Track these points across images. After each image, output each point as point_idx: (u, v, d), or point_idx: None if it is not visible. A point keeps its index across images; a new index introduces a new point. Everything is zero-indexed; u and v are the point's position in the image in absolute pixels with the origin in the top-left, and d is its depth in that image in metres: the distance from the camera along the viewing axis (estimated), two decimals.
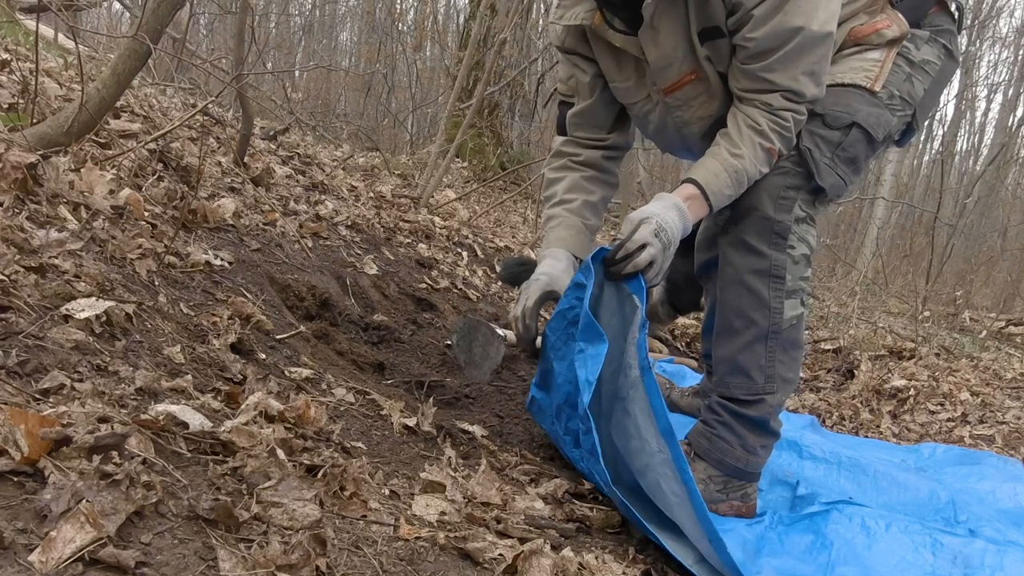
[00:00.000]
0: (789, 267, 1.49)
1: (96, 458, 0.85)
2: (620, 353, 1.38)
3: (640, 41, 1.51)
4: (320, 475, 1.07)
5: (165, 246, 1.65)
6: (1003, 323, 6.08)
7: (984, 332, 5.44)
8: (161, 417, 1.00)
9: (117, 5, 7.38)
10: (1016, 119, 14.12)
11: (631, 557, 1.27)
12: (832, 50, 1.44)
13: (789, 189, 1.49)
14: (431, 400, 1.68)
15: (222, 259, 1.84)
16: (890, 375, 3.14)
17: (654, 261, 1.38)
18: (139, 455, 0.91)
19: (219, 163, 2.60)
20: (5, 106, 1.97)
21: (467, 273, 3.31)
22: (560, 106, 1.84)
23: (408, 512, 1.13)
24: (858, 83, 1.51)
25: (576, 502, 1.42)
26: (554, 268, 1.65)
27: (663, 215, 1.41)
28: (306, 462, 1.09)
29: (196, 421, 1.04)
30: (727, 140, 1.48)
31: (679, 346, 3.44)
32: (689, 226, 1.45)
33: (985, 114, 17.18)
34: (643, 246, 1.38)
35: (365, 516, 1.05)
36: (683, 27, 1.47)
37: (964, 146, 15.93)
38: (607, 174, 1.82)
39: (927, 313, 5.64)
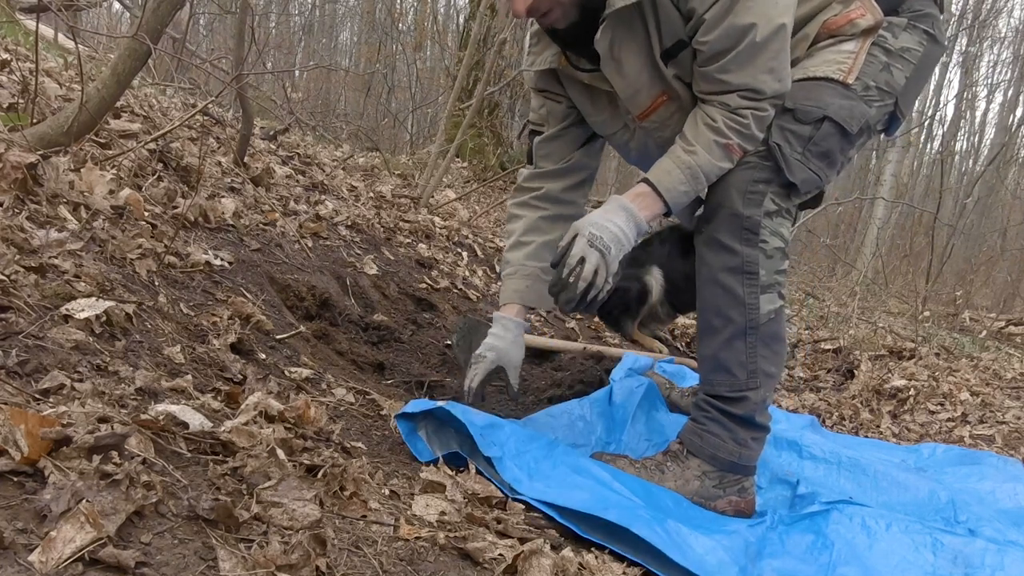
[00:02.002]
0: (762, 262, 1.49)
1: (96, 458, 0.85)
2: None
3: (605, 74, 1.55)
4: (320, 475, 1.07)
5: (165, 246, 1.65)
6: (1003, 323, 6.08)
7: (984, 332, 5.44)
8: (161, 417, 1.00)
9: (117, 5, 7.38)
10: (1016, 119, 14.13)
11: (631, 558, 1.26)
12: (788, 43, 1.43)
13: (758, 183, 1.48)
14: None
15: (222, 259, 1.84)
16: (890, 375, 3.14)
17: (598, 269, 1.43)
18: (139, 455, 0.91)
19: (219, 163, 2.60)
20: (5, 106, 1.97)
21: (467, 273, 3.31)
22: (530, 135, 1.85)
23: (408, 512, 1.13)
24: (830, 76, 1.50)
25: None
26: (502, 342, 1.72)
27: (597, 222, 1.45)
28: (306, 462, 1.09)
29: (196, 421, 1.04)
30: (682, 139, 1.50)
31: (679, 346, 3.44)
32: (642, 223, 1.49)
33: (985, 114, 17.19)
34: (582, 259, 1.43)
35: (365, 516, 1.05)
36: (645, 52, 1.49)
37: (964, 146, 15.94)
38: (568, 206, 1.82)
39: (927, 313, 5.65)
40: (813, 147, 1.49)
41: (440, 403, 1.44)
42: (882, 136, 1.67)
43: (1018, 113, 14.74)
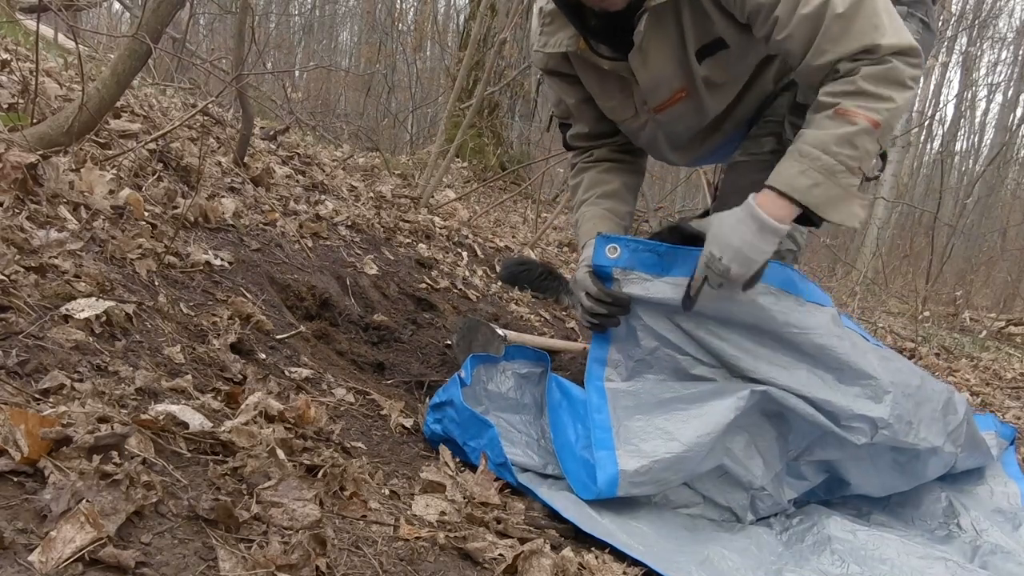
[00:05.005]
0: None
1: (96, 458, 0.85)
2: None
3: (630, 65, 1.53)
4: (320, 475, 1.07)
5: (165, 246, 1.64)
6: (1003, 323, 6.08)
7: (984, 332, 5.44)
8: (161, 417, 1.00)
9: (117, 5, 7.38)
10: (1016, 119, 14.14)
11: (631, 557, 1.26)
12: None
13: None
14: (430, 400, 1.68)
15: (222, 259, 1.84)
16: None
17: (726, 272, 1.37)
18: (139, 455, 0.91)
19: (219, 163, 2.60)
20: (5, 106, 1.97)
21: (467, 273, 3.31)
22: (560, 127, 1.87)
23: (408, 512, 1.13)
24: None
25: None
26: None
27: (715, 237, 1.40)
28: (306, 462, 1.09)
29: (196, 421, 1.04)
30: (799, 136, 1.40)
31: None
32: (769, 223, 1.35)
33: (985, 114, 17.18)
34: (704, 279, 1.41)
35: (365, 516, 1.05)
36: (675, 47, 1.48)
37: (964, 146, 15.94)
38: (625, 161, 1.82)
39: (927, 313, 5.65)
40: None
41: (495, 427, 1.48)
42: None
43: (1018, 113, 14.75)
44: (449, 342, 2.37)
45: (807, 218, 1.37)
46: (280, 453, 1.05)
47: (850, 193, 1.33)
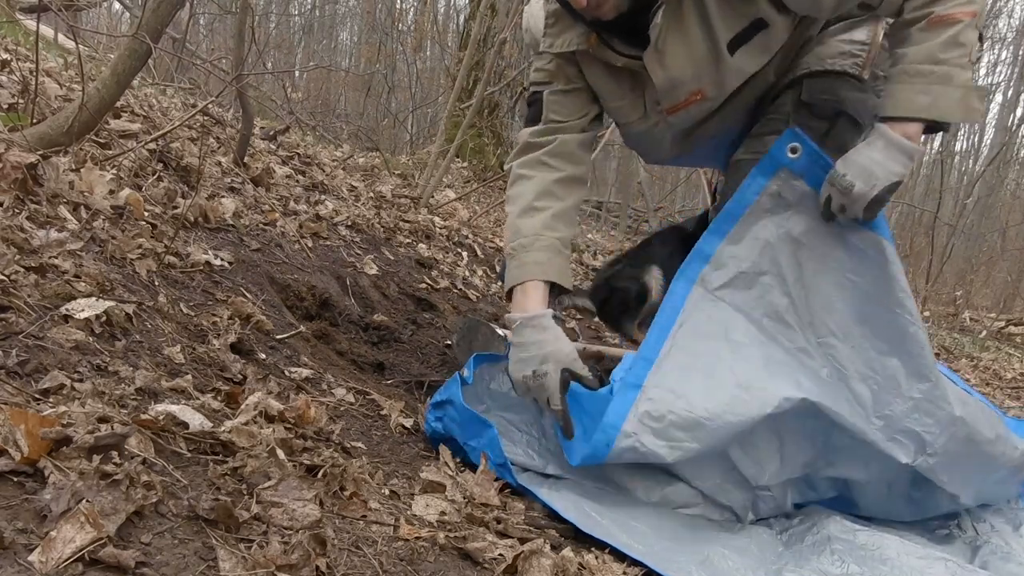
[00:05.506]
0: None
1: (96, 458, 0.85)
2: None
3: (645, 63, 1.47)
4: (320, 475, 1.07)
5: (165, 246, 1.64)
6: (1003, 323, 6.08)
7: (984, 332, 5.44)
8: (161, 417, 1.00)
9: (117, 5, 7.38)
10: (1016, 119, 14.13)
11: (631, 557, 1.26)
12: None
13: None
14: (431, 400, 1.68)
15: (222, 259, 1.84)
16: None
17: (849, 188, 1.35)
18: (139, 455, 0.91)
19: (219, 163, 2.60)
20: (5, 106, 1.97)
21: (467, 273, 3.31)
22: (531, 96, 1.69)
23: (408, 512, 1.13)
24: (848, 71, 1.50)
25: None
26: (548, 344, 1.43)
27: (843, 158, 1.37)
28: (306, 462, 1.09)
29: (196, 421, 1.04)
30: (900, 58, 1.37)
31: None
32: (897, 140, 1.34)
33: (985, 114, 17.16)
34: (828, 200, 1.39)
35: (365, 516, 1.05)
36: (700, 43, 1.42)
37: (964, 146, 15.92)
38: (579, 166, 1.64)
39: (927, 313, 5.64)
40: (830, 142, 1.48)
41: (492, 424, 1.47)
42: None
43: (1018, 113, 14.76)
44: (449, 342, 2.37)
45: (931, 128, 1.37)
46: (280, 453, 1.05)
47: (968, 89, 1.31)
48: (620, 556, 1.24)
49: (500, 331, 2.21)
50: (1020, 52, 15.95)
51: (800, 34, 1.52)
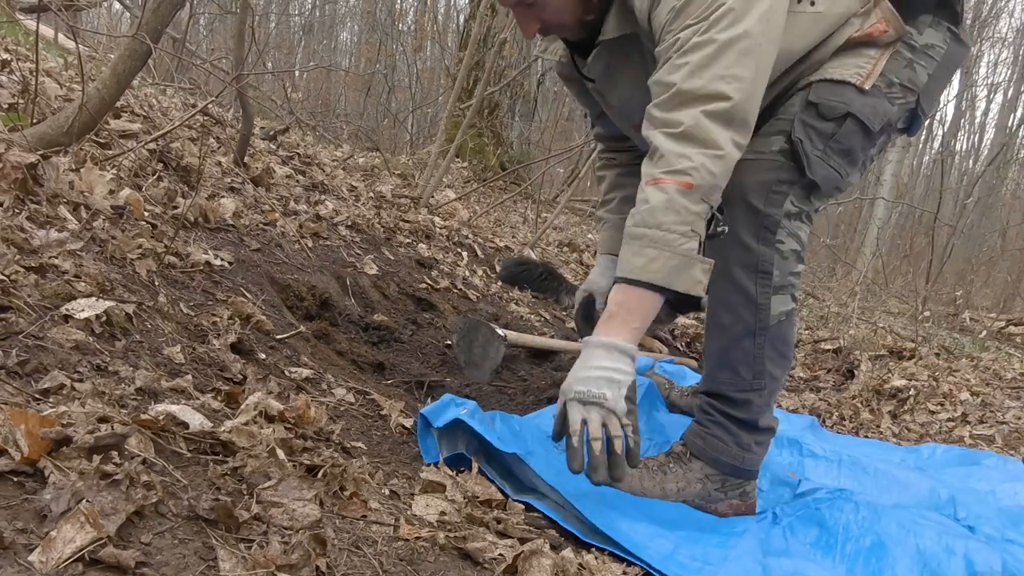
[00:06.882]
0: (777, 262, 1.46)
1: (96, 458, 0.85)
2: None
3: (599, 91, 1.62)
4: (320, 475, 1.07)
5: (165, 246, 1.65)
6: (1003, 323, 6.08)
7: (984, 332, 5.44)
8: (161, 417, 1.00)
9: (117, 5, 7.38)
10: (1016, 119, 14.15)
11: (631, 558, 1.26)
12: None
13: (782, 184, 1.45)
14: (431, 400, 1.68)
15: (222, 259, 1.84)
16: (890, 375, 3.14)
17: (604, 422, 1.27)
18: (139, 455, 0.91)
19: (219, 163, 2.60)
20: (5, 106, 1.97)
21: (467, 273, 3.31)
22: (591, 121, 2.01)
23: (408, 512, 1.13)
24: (847, 80, 1.47)
25: None
26: (594, 275, 1.95)
27: (577, 376, 1.29)
28: (306, 462, 1.09)
29: (196, 421, 1.04)
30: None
31: (679, 346, 3.44)
32: (624, 346, 1.30)
33: (985, 114, 17.19)
34: (583, 422, 1.27)
35: (365, 516, 1.05)
36: (639, 77, 1.47)
37: (964, 146, 15.94)
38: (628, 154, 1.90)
39: (927, 313, 5.64)
40: (835, 144, 1.46)
41: (462, 414, 1.40)
42: (904, 135, 1.62)
43: (1018, 113, 14.76)
44: (449, 342, 2.37)
45: (679, 303, 1.35)
46: (280, 453, 1.05)
47: (690, 258, 1.28)
48: (620, 556, 1.25)
49: (500, 331, 2.21)
50: (1020, 52, 15.95)
51: None
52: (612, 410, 1.26)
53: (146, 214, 1.76)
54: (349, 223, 2.89)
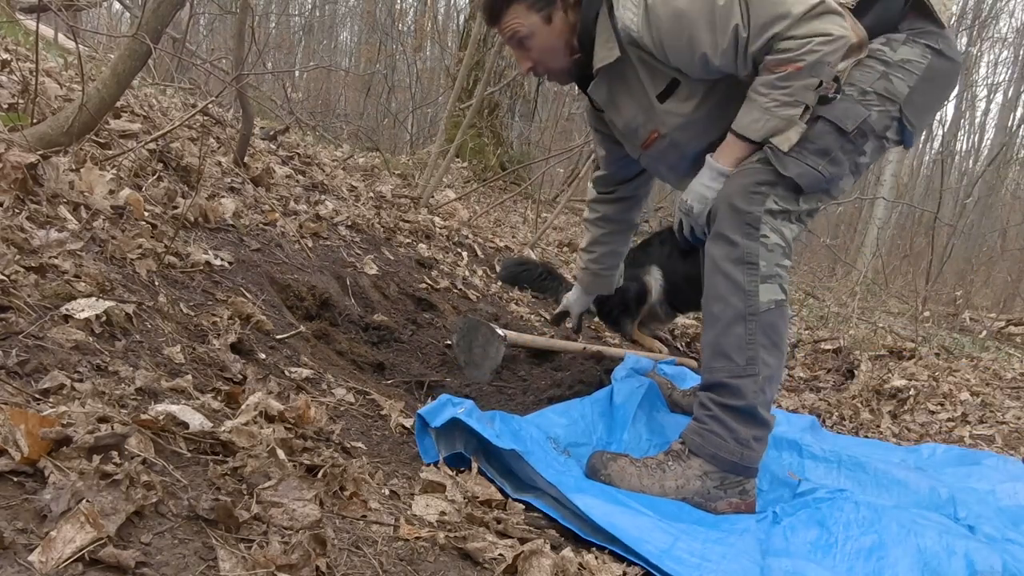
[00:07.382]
0: (762, 254, 1.54)
1: (96, 458, 0.85)
2: None
3: (608, 115, 1.80)
4: (320, 475, 1.07)
5: (165, 246, 1.65)
6: (1003, 323, 6.08)
7: (984, 332, 5.44)
8: (161, 417, 1.00)
9: (117, 5, 7.38)
10: (1016, 119, 14.14)
11: (630, 558, 1.26)
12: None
13: (761, 185, 1.55)
14: (431, 400, 1.68)
15: (222, 259, 1.84)
16: (890, 375, 3.14)
17: (695, 221, 1.68)
18: (139, 455, 0.91)
19: (219, 163, 2.60)
20: (5, 106, 1.97)
21: (467, 273, 3.31)
22: (595, 167, 2.19)
23: (408, 512, 1.13)
24: None
25: None
26: (571, 296, 2.38)
27: (689, 188, 1.67)
28: (306, 462, 1.09)
29: (196, 421, 1.04)
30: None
31: (679, 346, 3.44)
32: (723, 168, 1.61)
33: (985, 114, 17.19)
34: (679, 223, 1.73)
35: (365, 516, 1.05)
36: (639, 95, 1.68)
37: (964, 146, 15.94)
38: (622, 223, 2.17)
39: (927, 313, 5.64)
40: (808, 144, 1.55)
41: (459, 412, 1.42)
42: (901, 146, 1.70)
43: (1018, 113, 14.75)
44: (449, 342, 2.37)
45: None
46: (280, 453, 1.05)
47: (791, 123, 1.53)
48: (620, 556, 1.24)
49: (500, 331, 2.21)
50: (1020, 52, 15.95)
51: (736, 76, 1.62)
52: (695, 221, 1.68)
53: (146, 214, 1.76)
54: (349, 223, 2.89)
